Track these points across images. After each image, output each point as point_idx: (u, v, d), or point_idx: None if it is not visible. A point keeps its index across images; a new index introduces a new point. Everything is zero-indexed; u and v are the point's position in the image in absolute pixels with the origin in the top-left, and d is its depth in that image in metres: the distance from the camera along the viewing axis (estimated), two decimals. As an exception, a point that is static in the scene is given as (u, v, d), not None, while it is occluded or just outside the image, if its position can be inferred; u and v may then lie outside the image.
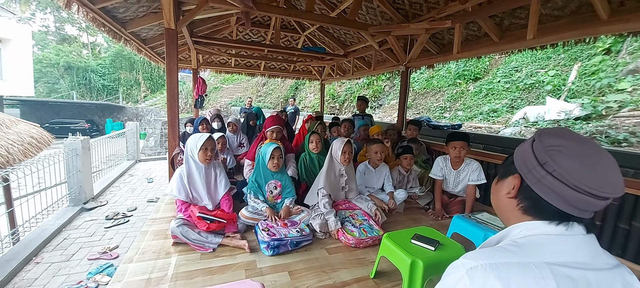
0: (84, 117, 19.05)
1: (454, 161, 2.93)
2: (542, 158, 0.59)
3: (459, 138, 2.84)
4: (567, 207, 0.58)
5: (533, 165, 0.61)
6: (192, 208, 2.24)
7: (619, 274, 0.55)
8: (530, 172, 0.61)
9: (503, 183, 0.69)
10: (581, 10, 2.67)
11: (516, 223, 0.64)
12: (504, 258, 0.55)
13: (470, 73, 10.00)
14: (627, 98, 5.86)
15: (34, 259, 3.46)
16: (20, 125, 3.79)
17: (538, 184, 0.60)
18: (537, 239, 0.58)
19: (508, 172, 0.68)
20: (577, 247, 0.56)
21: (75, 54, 26.45)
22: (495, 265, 0.54)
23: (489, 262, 0.54)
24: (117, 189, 6.23)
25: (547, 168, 0.58)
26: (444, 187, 3.04)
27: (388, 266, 1.92)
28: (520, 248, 0.57)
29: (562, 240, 0.57)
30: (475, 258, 0.56)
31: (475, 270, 0.54)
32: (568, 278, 0.51)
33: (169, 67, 3.06)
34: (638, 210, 2.29)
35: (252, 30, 5.97)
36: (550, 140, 0.60)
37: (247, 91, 19.85)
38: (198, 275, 1.83)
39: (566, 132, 0.62)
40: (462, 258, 0.58)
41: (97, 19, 3.43)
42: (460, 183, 2.93)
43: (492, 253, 0.57)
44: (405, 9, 3.91)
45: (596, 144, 0.59)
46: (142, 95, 25.37)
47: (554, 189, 0.58)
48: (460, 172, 2.91)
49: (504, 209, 0.70)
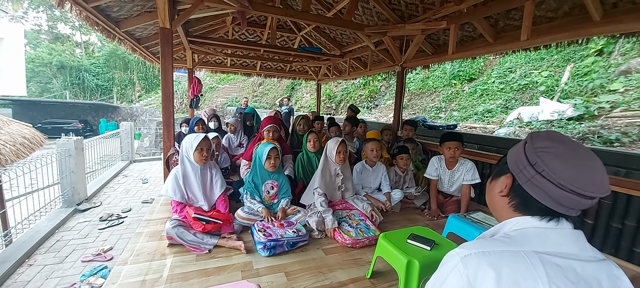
0: (77, 117, 18.85)
1: (448, 161, 2.94)
2: (533, 159, 0.63)
3: (453, 138, 2.86)
4: (555, 205, 0.62)
5: (524, 165, 0.65)
6: (188, 209, 2.23)
7: (604, 267, 0.59)
8: (521, 172, 0.66)
9: (496, 182, 0.73)
10: (574, 12, 2.70)
11: (508, 219, 0.68)
12: (496, 247, 0.59)
13: (465, 74, 10.08)
14: (619, 98, 5.95)
15: (26, 261, 3.41)
16: (12, 126, 3.74)
17: (528, 183, 0.64)
18: (527, 232, 0.62)
19: (501, 172, 0.72)
20: (565, 239, 0.60)
21: (68, 53, 26.16)
22: (487, 252, 0.58)
23: (482, 250, 0.59)
24: (112, 190, 6.17)
25: (537, 168, 0.62)
26: (439, 187, 3.06)
27: (384, 266, 1.92)
28: (512, 239, 0.61)
29: (550, 233, 0.61)
30: (469, 248, 0.61)
31: (469, 258, 0.59)
32: (556, 266, 0.55)
33: (164, 66, 3.04)
34: (630, 209, 2.33)
35: (248, 30, 5.95)
36: (540, 142, 0.64)
37: (243, 91, 19.79)
38: (194, 276, 1.82)
39: (556, 135, 0.66)
40: (457, 248, 0.63)
41: (91, 18, 3.39)
42: (455, 183, 2.94)
43: (485, 243, 0.62)
44: (401, 9, 3.93)
45: (583, 147, 0.64)
46: (137, 95, 25.18)
47: (542, 188, 0.62)
48: (455, 172, 2.93)
49: (497, 206, 0.74)
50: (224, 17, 4.83)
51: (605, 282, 0.56)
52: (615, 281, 0.58)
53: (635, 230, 2.30)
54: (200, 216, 2.17)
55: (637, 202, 2.28)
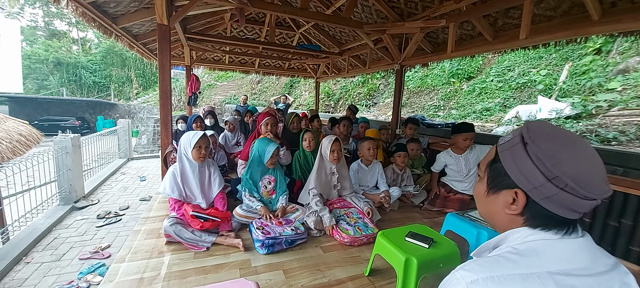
0: (74, 114, 18.72)
1: (461, 149, 3.04)
2: (549, 173, 0.55)
3: (468, 129, 2.98)
4: (570, 213, 0.56)
5: (540, 182, 0.56)
6: (186, 207, 2.22)
7: (616, 276, 0.56)
8: (536, 189, 0.57)
9: (497, 197, 0.64)
10: (573, 11, 2.70)
11: (513, 229, 0.62)
12: (505, 270, 0.53)
13: (464, 72, 10.09)
14: (617, 97, 5.96)
15: (24, 259, 3.40)
16: (8, 123, 3.72)
17: (546, 200, 0.57)
18: (537, 245, 0.56)
19: (504, 186, 0.62)
20: (576, 251, 0.56)
21: (65, 49, 25.96)
22: (496, 278, 0.52)
23: (490, 274, 0.52)
24: (109, 188, 6.14)
25: (557, 183, 0.54)
26: (454, 178, 3.11)
27: (383, 264, 1.93)
28: (521, 256, 0.55)
29: (561, 245, 0.56)
30: (475, 271, 0.54)
31: (476, 284, 0.52)
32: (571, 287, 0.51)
33: (162, 64, 3.02)
34: (627, 207, 2.34)
35: (247, 27, 5.92)
36: (547, 147, 0.56)
37: (241, 88, 19.74)
38: (191, 274, 1.81)
39: (555, 131, 0.59)
40: (461, 270, 0.55)
41: (87, 14, 3.36)
42: (472, 169, 2.99)
43: (492, 265, 0.55)
44: (401, 7, 3.92)
45: (583, 141, 0.58)
46: (135, 92, 25.05)
47: (565, 204, 0.55)
48: (468, 156, 3.00)
49: (500, 222, 0.65)
50: (222, 13, 4.80)
51: None
52: None
53: (632, 228, 2.31)
54: (198, 214, 2.17)
55: (634, 200, 2.29)
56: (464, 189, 3.06)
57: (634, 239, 2.30)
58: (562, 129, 0.60)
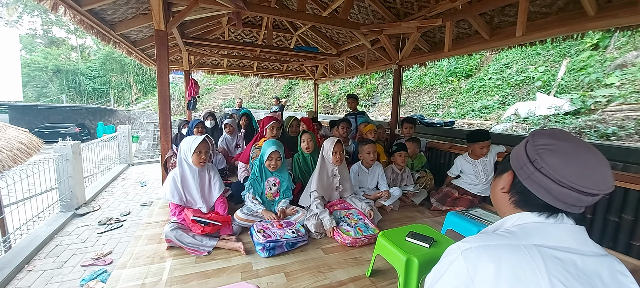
0: (74, 121, 18.75)
1: (477, 156, 3.02)
2: (532, 156, 0.65)
3: (485, 137, 2.95)
4: (554, 201, 0.62)
5: (524, 162, 0.67)
6: (186, 212, 2.22)
7: (606, 262, 0.59)
8: (521, 169, 0.67)
9: (499, 180, 0.75)
10: (569, 7, 2.71)
11: (510, 215, 0.70)
12: (496, 241, 0.61)
13: (462, 70, 10.09)
14: (615, 92, 5.96)
15: (26, 267, 3.40)
16: (8, 131, 3.73)
17: (528, 180, 0.66)
18: (527, 227, 0.64)
19: (504, 169, 0.74)
20: (565, 234, 0.61)
21: (64, 56, 26.00)
22: (487, 246, 0.59)
23: (482, 243, 0.60)
24: (110, 194, 6.15)
25: (536, 165, 0.64)
26: (472, 183, 3.07)
27: (384, 264, 1.93)
28: (512, 234, 0.63)
29: (551, 228, 0.62)
30: (469, 241, 0.62)
31: (469, 251, 0.60)
32: (555, 259, 0.56)
33: (160, 69, 3.03)
34: (628, 202, 2.34)
35: (244, 31, 5.94)
36: (541, 140, 0.66)
37: (240, 92, 19.77)
38: (193, 279, 1.82)
39: (558, 132, 0.67)
40: (458, 242, 0.64)
41: (85, 21, 3.37)
42: (490, 173, 2.98)
43: (485, 237, 0.64)
44: (397, 7, 3.93)
45: (586, 144, 0.63)
46: (134, 98, 25.08)
47: (542, 184, 0.63)
48: (485, 160, 2.99)
49: (499, 203, 0.75)
50: (220, 18, 4.81)
51: (607, 276, 0.57)
52: (616, 275, 0.58)
53: (633, 223, 2.31)
54: (198, 218, 2.17)
55: (635, 195, 2.29)
56: (481, 192, 3.03)
57: (635, 234, 2.30)
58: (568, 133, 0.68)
